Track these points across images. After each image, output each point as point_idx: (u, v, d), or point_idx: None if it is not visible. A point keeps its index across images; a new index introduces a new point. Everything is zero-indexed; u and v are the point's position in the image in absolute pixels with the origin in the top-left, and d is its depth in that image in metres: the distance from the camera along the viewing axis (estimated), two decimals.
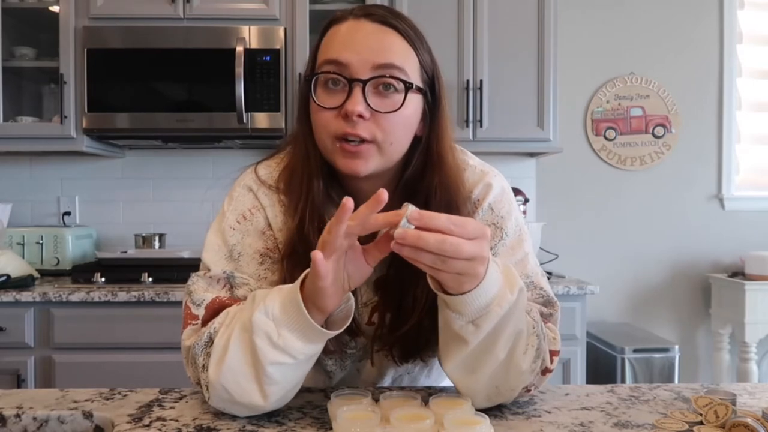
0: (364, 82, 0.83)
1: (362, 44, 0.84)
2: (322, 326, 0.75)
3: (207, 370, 0.79)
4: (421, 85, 0.87)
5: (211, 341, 0.80)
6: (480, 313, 0.73)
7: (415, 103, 0.87)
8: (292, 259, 0.87)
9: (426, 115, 0.90)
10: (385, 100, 0.84)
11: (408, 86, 0.85)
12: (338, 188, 0.92)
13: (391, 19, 0.87)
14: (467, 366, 0.79)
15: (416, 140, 0.90)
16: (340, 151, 0.84)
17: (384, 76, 0.83)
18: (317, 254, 0.69)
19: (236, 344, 0.76)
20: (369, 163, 0.85)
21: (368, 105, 0.83)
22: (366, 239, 0.74)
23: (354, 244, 0.73)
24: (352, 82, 0.83)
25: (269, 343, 0.74)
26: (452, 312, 0.75)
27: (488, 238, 0.70)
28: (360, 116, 0.82)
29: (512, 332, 0.76)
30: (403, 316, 0.89)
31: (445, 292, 0.73)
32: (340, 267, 0.73)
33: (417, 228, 0.67)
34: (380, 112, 0.83)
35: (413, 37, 0.88)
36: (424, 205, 0.87)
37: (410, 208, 0.68)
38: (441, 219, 0.67)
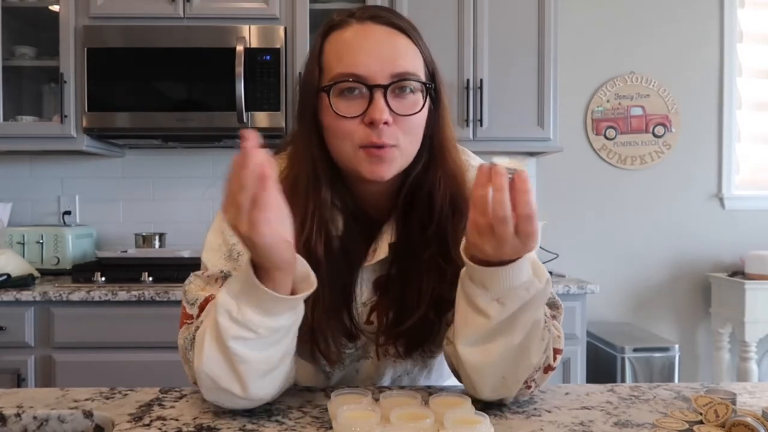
0: (385, 88, 0.83)
1: (375, 52, 0.84)
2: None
3: (194, 363, 0.80)
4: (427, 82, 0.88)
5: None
6: (506, 293, 0.74)
7: (426, 104, 0.88)
8: None
9: (430, 110, 0.90)
10: (403, 102, 0.85)
11: (427, 87, 0.86)
12: (344, 193, 0.92)
13: (395, 20, 0.87)
14: (482, 343, 0.79)
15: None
16: (366, 157, 0.84)
17: (403, 79, 0.84)
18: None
19: (209, 329, 0.77)
20: (393, 167, 0.85)
21: (391, 110, 0.83)
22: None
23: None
24: (372, 88, 0.83)
25: (230, 319, 0.74)
26: (478, 287, 0.75)
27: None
28: (386, 123, 0.82)
29: (531, 320, 0.77)
30: (407, 310, 0.90)
31: (480, 263, 0.74)
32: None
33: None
34: (403, 115, 0.84)
35: (416, 35, 0.88)
36: (428, 197, 0.89)
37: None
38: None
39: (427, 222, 0.90)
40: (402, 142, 0.85)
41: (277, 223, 0.69)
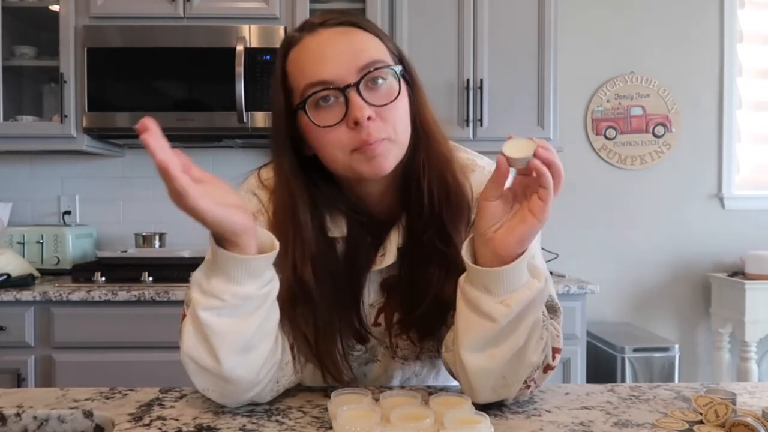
0: (357, 85, 0.82)
1: (335, 54, 0.83)
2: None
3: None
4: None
5: None
6: (510, 294, 0.75)
7: (403, 87, 0.87)
8: (294, 300, 0.87)
9: (409, 95, 0.90)
10: (379, 92, 0.84)
11: (399, 72, 0.86)
12: (345, 197, 0.92)
13: (345, 18, 0.87)
14: (488, 347, 0.79)
15: None
16: (361, 157, 0.83)
17: (371, 70, 0.83)
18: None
19: (189, 311, 0.79)
20: (390, 159, 0.85)
21: (369, 104, 0.82)
22: None
23: None
24: (345, 89, 0.82)
25: (200, 291, 0.76)
26: (481, 291, 0.76)
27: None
28: (369, 118, 0.82)
29: (533, 320, 0.78)
30: (417, 302, 0.90)
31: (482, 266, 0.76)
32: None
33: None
34: (382, 105, 0.83)
35: (373, 27, 0.88)
36: (416, 181, 0.89)
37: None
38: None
39: (421, 208, 0.90)
40: (392, 133, 0.84)
41: (215, 193, 0.71)
